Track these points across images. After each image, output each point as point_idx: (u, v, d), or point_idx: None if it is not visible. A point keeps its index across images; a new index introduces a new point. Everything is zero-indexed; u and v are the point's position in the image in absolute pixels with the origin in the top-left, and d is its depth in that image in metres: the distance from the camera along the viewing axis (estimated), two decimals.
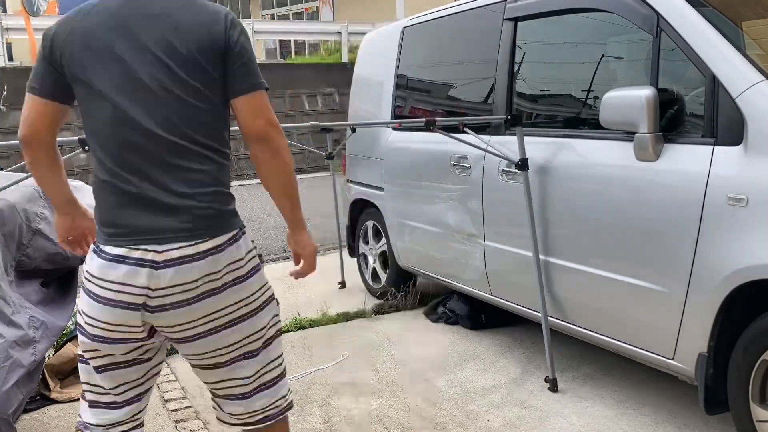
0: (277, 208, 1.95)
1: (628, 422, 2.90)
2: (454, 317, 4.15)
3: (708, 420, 2.85)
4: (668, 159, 2.60)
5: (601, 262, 2.89)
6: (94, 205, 1.86)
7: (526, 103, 3.46)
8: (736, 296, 2.38)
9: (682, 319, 2.56)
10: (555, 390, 3.18)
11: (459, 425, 2.95)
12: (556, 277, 3.14)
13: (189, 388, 3.44)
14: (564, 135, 3.14)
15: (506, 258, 3.45)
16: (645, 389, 3.18)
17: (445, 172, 3.82)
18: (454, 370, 3.51)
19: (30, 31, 10.04)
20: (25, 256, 2.92)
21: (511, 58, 3.45)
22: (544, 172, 3.14)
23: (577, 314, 3.09)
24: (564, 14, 3.19)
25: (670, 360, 2.66)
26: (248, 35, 1.87)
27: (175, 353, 3.88)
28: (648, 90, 2.55)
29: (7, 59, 13.45)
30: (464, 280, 3.87)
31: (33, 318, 2.76)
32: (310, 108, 12.96)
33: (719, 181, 2.40)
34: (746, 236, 2.31)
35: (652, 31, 2.69)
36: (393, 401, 3.20)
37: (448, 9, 4.05)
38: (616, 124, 2.69)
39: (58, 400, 3.31)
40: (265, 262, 6.08)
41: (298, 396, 3.30)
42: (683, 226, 2.52)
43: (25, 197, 2.97)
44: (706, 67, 2.48)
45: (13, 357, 2.55)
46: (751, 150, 2.33)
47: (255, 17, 24.06)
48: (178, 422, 3.08)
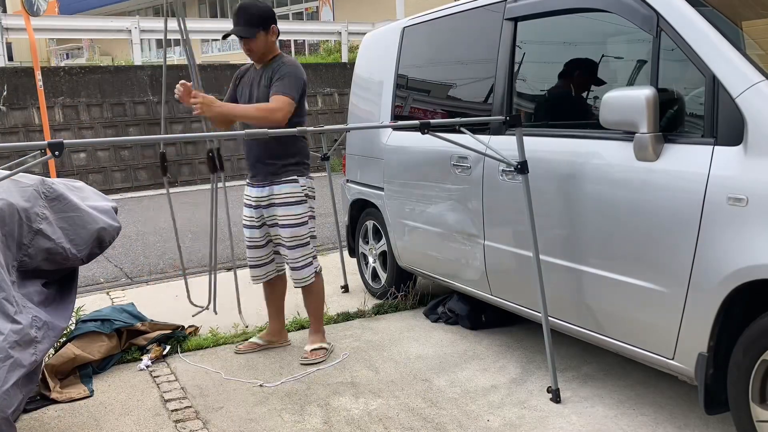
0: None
1: (628, 422, 2.90)
2: (454, 317, 4.15)
3: (708, 420, 2.85)
4: (668, 159, 2.60)
5: (601, 262, 2.89)
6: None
7: (526, 103, 3.46)
8: (736, 296, 2.38)
9: (682, 319, 2.56)
10: (558, 401, 3.09)
11: (459, 425, 2.95)
12: (555, 277, 3.14)
13: (189, 388, 3.45)
14: (564, 135, 3.14)
15: (506, 258, 3.45)
16: (645, 389, 3.18)
17: (445, 172, 3.82)
18: (454, 370, 3.51)
19: (30, 31, 10.03)
20: (26, 256, 2.92)
21: (511, 58, 3.45)
22: (543, 172, 3.14)
23: (577, 314, 3.09)
24: (564, 14, 3.19)
25: (670, 360, 2.66)
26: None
27: (175, 353, 3.88)
28: (648, 90, 2.55)
29: (7, 59, 13.45)
30: (464, 280, 3.87)
31: (35, 318, 2.76)
32: (310, 108, 12.96)
33: (719, 181, 2.40)
34: (746, 236, 2.31)
35: (652, 31, 2.69)
36: (393, 401, 3.21)
37: (448, 9, 4.05)
38: (616, 124, 2.69)
39: (58, 400, 3.31)
40: None
41: (298, 396, 3.30)
42: (683, 226, 2.52)
43: (26, 197, 2.97)
44: (706, 67, 2.48)
45: (14, 357, 2.54)
46: (751, 150, 2.33)
47: None
48: (178, 422, 3.09)
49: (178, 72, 12.27)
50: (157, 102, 11.71)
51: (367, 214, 4.86)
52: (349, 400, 3.24)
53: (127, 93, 11.53)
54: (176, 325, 4.11)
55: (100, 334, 3.73)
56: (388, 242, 4.58)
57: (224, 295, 5.05)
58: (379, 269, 4.82)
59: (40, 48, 23.47)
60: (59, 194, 3.10)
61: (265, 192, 3.67)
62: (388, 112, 4.53)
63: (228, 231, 4.13)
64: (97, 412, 3.23)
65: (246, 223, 3.80)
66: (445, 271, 4.05)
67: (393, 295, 4.61)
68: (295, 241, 3.66)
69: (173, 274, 5.90)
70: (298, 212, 3.64)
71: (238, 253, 6.44)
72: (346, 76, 13.29)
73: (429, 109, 4.24)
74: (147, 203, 9.73)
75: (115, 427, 3.08)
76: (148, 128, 11.48)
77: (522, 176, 3.05)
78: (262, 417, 3.11)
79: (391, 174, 4.39)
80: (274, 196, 3.64)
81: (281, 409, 3.18)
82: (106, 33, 14.04)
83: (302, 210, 3.65)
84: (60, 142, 2.24)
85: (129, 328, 3.90)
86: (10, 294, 2.66)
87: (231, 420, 3.09)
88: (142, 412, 3.21)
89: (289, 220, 3.64)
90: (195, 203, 9.43)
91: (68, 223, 3.08)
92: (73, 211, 3.11)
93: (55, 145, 2.23)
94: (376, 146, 4.57)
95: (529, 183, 3.07)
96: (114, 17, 17.26)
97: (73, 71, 11.39)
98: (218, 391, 3.39)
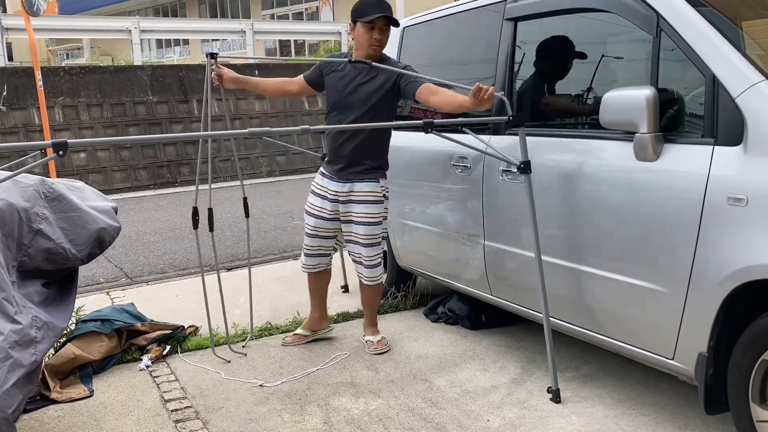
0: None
1: (628, 422, 2.90)
2: (454, 317, 4.15)
3: (708, 420, 2.85)
4: (668, 159, 2.60)
5: (601, 262, 2.89)
6: None
7: (526, 102, 3.46)
8: (736, 296, 2.38)
9: (682, 319, 2.56)
10: (558, 401, 3.09)
11: (459, 425, 2.95)
12: (555, 278, 3.14)
13: (189, 388, 3.45)
14: (564, 135, 3.14)
15: (506, 258, 3.45)
16: (645, 389, 3.18)
17: (445, 172, 3.82)
18: (454, 370, 3.51)
19: (30, 31, 10.02)
20: (26, 256, 2.92)
21: (511, 58, 3.45)
22: (543, 172, 3.14)
23: (577, 314, 3.09)
24: (564, 14, 3.19)
25: (670, 360, 2.66)
26: None
27: (175, 353, 3.88)
28: (648, 90, 2.55)
29: (6, 59, 13.46)
30: (464, 280, 3.87)
31: (36, 318, 2.76)
32: (310, 108, 12.96)
33: (719, 181, 2.40)
34: (746, 236, 2.31)
35: (652, 31, 2.69)
36: (393, 401, 3.21)
37: (448, 9, 4.05)
38: (616, 124, 2.69)
39: (58, 400, 3.31)
40: (265, 261, 6.09)
41: (298, 396, 3.30)
42: (683, 226, 2.52)
43: (26, 197, 2.97)
44: (706, 67, 2.48)
45: (14, 357, 2.54)
46: (751, 150, 2.33)
47: (255, 17, 24.06)
48: (178, 422, 3.09)
49: (177, 72, 12.29)
50: (157, 102, 11.72)
51: None
52: (349, 400, 3.24)
53: (127, 93, 11.53)
54: (176, 325, 4.11)
55: (100, 334, 3.73)
56: (388, 242, 4.58)
57: (224, 295, 5.05)
58: None
59: (40, 48, 23.47)
60: (59, 194, 3.10)
61: (346, 188, 3.70)
62: None
63: (228, 231, 4.12)
64: (97, 412, 3.23)
65: (314, 213, 3.81)
66: (445, 271, 4.05)
67: (393, 295, 4.61)
68: (370, 239, 3.73)
69: (173, 274, 5.90)
70: (376, 212, 3.70)
71: (238, 253, 6.44)
72: None
73: (429, 109, 4.24)
74: (147, 203, 9.72)
75: (115, 427, 3.08)
76: (148, 128, 11.48)
77: (525, 176, 3.05)
78: (262, 417, 3.11)
79: (391, 174, 4.38)
80: (354, 193, 3.69)
81: (281, 409, 3.18)
82: (106, 33, 14.06)
83: (379, 210, 3.72)
84: (64, 142, 2.23)
85: (129, 328, 3.90)
86: (10, 294, 2.66)
87: (231, 420, 3.10)
88: (142, 412, 3.21)
89: (366, 218, 3.69)
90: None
91: (68, 223, 3.08)
92: (73, 211, 3.10)
93: (59, 145, 2.23)
94: None
95: (531, 183, 3.07)
96: (114, 17, 17.28)
97: (73, 71, 11.39)
98: (218, 391, 3.39)
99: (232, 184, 10.69)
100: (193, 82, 12.08)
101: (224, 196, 9.49)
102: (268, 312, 4.57)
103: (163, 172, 11.38)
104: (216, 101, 9.57)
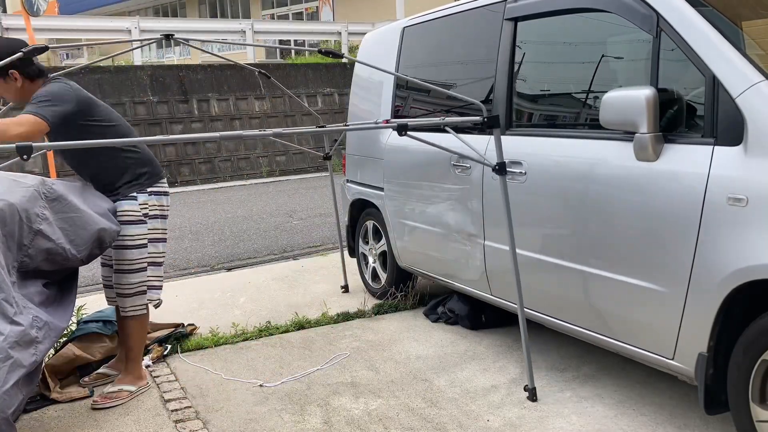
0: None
1: (628, 422, 2.90)
2: (454, 317, 4.16)
3: (708, 420, 2.85)
4: (668, 159, 2.60)
5: (601, 262, 2.89)
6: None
7: (526, 103, 3.46)
8: (736, 296, 2.39)
9: (682, 319, 2.56)
10: (534, 399, 3.11)
11: (459, 425, 2.95)
12: (555, 277, 3.14)
13: (189, 388, 3.45)
14: (564, 135, 3.14)
15: (506, 258, 3.45)
16: (645, 389, 3.18)
17: (445, 172, 3.82)
18: (454, 370, 3.51)
19: (30, 31, 10.02)
20: (26, 256, 2.92)
21: (511, 58, 3.45)
22: (543, 172, 3.14)
23: (578, 314, 3.09)
24: (564, 14, 3.19)
25: (670, 360, 2.66)
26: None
27: (175, 353, 3.88)
28: (648, 90, 2.55)
29: None
30: (464, 280, 3.87)
31: (36, 318, 2.76)
32: (311, 107, 12.96)
33: (719, 181, 2.40)
34: (746, 236, 2.31)
35: (652, 31, 2.69)
36: (393, 401, 3.21)
37: (448, 9, 4.05)
38: (616, 125, 2.69)
39: (58, 400, 3.31)
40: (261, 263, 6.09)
41: (298, 396, 3.31)
42: (683, 226, 2.52)
43: (26, 198, 2.96)
44: (706, 67, 2.48)
45: (14, 357, 2.54)
46: (751, 150, 2.33)
47: (255, 17, 24.07)
48: (178, 422, 3.09)
49: (177, 72, 12.29)
50: (157, 102, 11.72)
51: (367, 214, 4.86)
52: (349, 400, 3.24)
53: (127, 93, 11.54)
54: (176, 323, 4.11)
55: (101, 336, 3.73)
56: (388, 242, 4.58)
57: (224, 295, 5.06)
58: (379, 269, 4.82)
59: None
60: (59, 195, 3.09)
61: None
62: (388, 111, 4.53)
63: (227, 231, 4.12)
64: (97, 412, 3.23)
65: (163, 237, 3.54)
66: (445, 271, 4.05)
67: (393, 295, 4.61)
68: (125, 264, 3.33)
69: (173, 274, 5.90)
70: (135, 233, 3.33)
71: (246, 251, 6.44)
72: (346, 76, 13.30)
73: (429, 109, 4.24)
74: None
75: (115, 427, 3.08)
76: (148, 128, 11.48)
77: (500, 177, 3.08)
78: (262, 417, 3.11)
79: (391, 174, 4.40)
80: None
81: (281, 409, 3.18)
82: (106, 33, 14.04)
83: (139, 231, 3.34)
84: (29, 146, 2.21)
85: None
86: (10, 295, 2.66)
87: (231, 420, 3.10)
88: (142, 412, 3.21)
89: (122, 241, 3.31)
90: (195, 203, 9.43)
91: (68, 224, 3.08)
92: (74, 211, 3.10)
93: (24, 149, 2.20)
94: (376, 146, 4.57)
95: (506, 184, 3.09)
96: (114, 17, 17.27)
97: (73, 71, 11.39)
98: (218, 391, 3.40)
99: (232, 184, 10.70)
100: (193, 82, 12.08)
101: (224, 196, 9.49)
102: (268, 312, 4.58)
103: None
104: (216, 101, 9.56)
